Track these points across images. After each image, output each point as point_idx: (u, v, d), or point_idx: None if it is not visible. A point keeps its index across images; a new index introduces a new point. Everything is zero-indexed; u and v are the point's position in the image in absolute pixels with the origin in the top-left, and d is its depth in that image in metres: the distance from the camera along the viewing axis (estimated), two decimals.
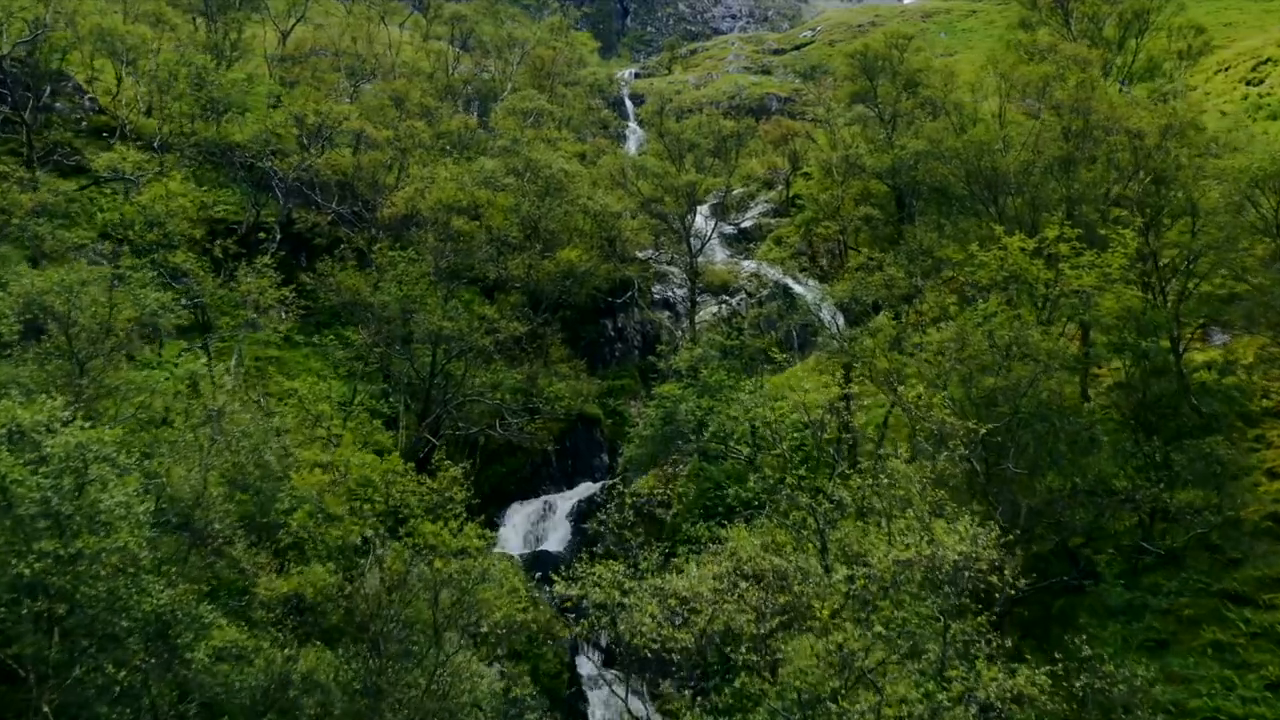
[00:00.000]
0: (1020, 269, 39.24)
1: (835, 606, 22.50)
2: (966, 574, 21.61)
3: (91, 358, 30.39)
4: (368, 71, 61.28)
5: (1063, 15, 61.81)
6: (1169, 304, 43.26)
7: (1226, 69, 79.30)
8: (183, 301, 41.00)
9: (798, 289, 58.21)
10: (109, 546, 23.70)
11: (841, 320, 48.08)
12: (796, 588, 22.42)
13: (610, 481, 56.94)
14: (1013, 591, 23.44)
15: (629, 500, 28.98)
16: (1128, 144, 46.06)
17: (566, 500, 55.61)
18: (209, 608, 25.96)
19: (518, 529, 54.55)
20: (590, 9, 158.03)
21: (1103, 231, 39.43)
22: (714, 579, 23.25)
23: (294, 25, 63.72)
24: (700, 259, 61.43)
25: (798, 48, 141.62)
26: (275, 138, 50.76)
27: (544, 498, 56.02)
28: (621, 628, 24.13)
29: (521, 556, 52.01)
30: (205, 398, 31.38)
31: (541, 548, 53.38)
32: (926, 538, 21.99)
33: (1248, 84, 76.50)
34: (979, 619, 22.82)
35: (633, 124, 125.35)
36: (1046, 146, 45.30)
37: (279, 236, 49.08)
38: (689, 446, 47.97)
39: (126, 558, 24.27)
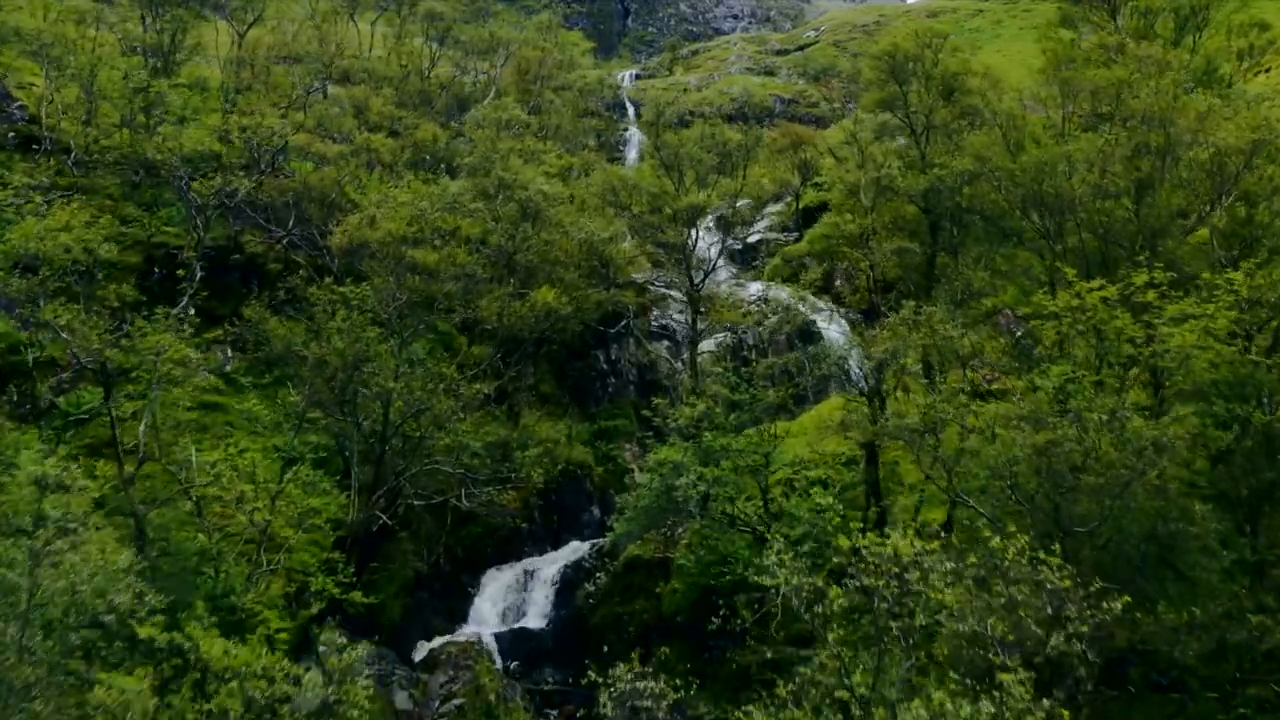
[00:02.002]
0: (1101, 322, 30.04)
1: None
2: None
3: None
4: (326, 75, 51.79)
5: (1109, 10, 52.40)
6: (1253, 352, 34.10)
7: (1266, 70, 70.65)
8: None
9: (821, 323, 48.84)
10: None
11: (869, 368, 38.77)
12: None
13: (600, 543, 47.86)
14: None
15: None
16: (1208, 162, 36.86)
17: (551, 565, 46.37)
18: None
19: (494, 600, 45.30)
20: (590, 8, 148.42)
21: (1206, 276, 30.22)
22: None
23: (251, 25, 54.41)
24: (700, 273, 52.04)
25: (801, 48, 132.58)
26: (200, 154, 41.35)
27: (525, 562, 46.77)
28: None
29: (497, 636, 42.97)
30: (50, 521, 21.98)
31: (521, 624, 44.26)
32: None
33: None
34: None
35: (633, 128, 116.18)
36: (1116, 166, 36.01)
37: (199, 275, 39.73)
38: (691, 522, 39.01)
39: None
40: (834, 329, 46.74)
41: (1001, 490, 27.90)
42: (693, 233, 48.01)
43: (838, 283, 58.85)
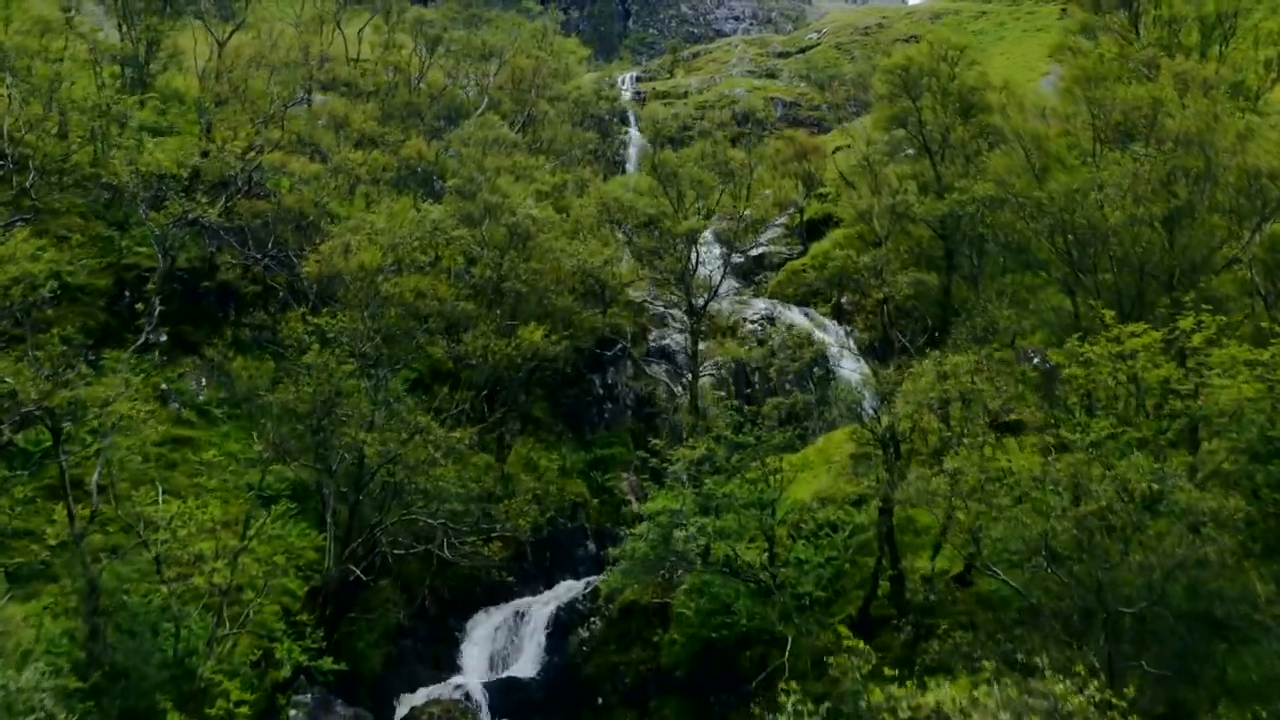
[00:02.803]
0: (1143, 369, 26.65)
1: None
2: None
3: None
4: (308, 87, 48.10)
5: (1130, 18, 48.88)
6: None
7: None
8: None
9: (831, 351, 45.33)
10: None
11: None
12: None
13: (595, 581, 44.48)
14: None
15: None
16: (1245, 185, 33.41)
17: (543, 607, 42.88)
18: None
19: (482, 646, 41.85)
20: (591, 9, 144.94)
21: (1265, 324, 26.80)
22: None
23: (232, 33, 50.92)
24: (701, 299, 48.59)
25: (803, 50, 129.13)
26: (167, 175, 37.83)
27: (516, 603, 43.27)
28: None
29: (485, 686, 39.59)
30: None
31: (509, 672, 40.86)
32: None
33: None
34: None
35: (634, 131, 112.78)
36: (1144, 188, 32.48)
37: (158, 309, 36.38)
38: (691, 570, 35.64)
39: None
40: (846, 364, 43.22)
41: (1036, 563, 24.58)
42: (693, 256, 44.54)
43: (844, 300, 55.35)
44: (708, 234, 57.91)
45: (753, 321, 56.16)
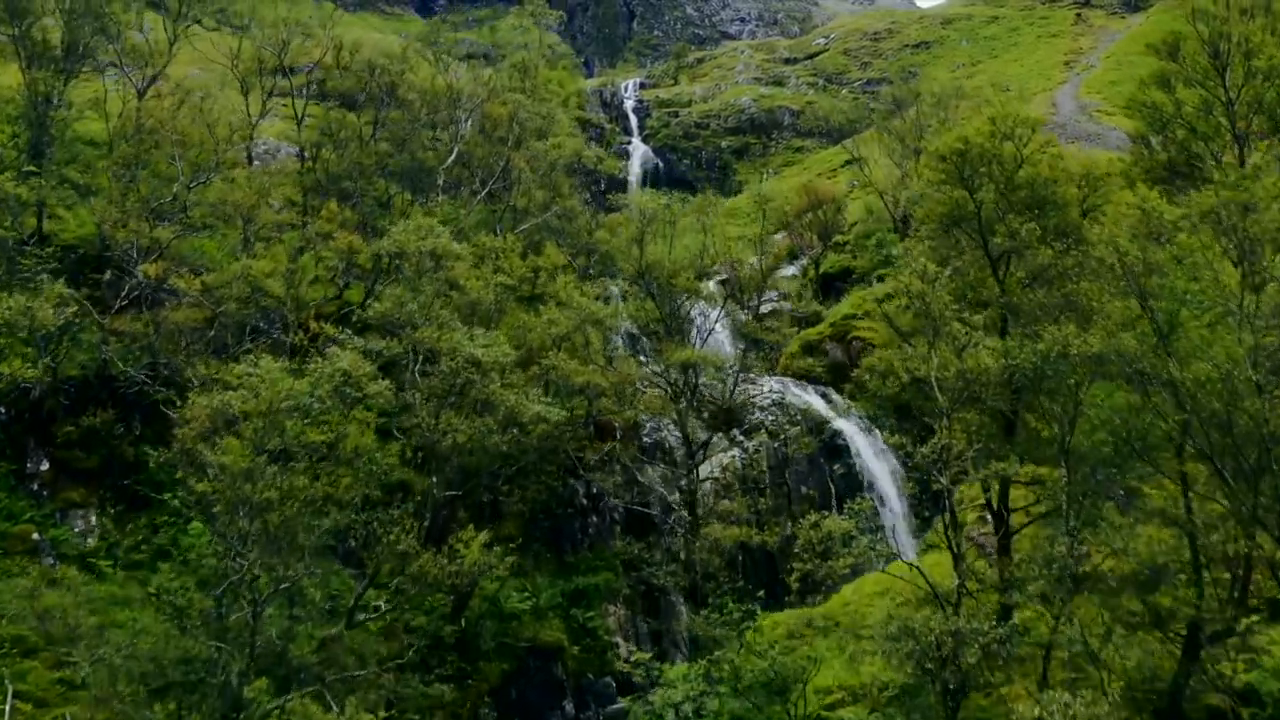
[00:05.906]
0: None
1: None
2: None
3: None
4: (216, 157, 37.06)
5: (1216, 68, 37.98)
6: None
7: None
8: None
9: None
10: None
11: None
12: None
13: None
14: None
15: None
16: None
17: None
18: None
19: None
20: (596, 11, 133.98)
21: None
22: None
23: (153, 79, 40.20)
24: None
25: (810, 56, 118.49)
26: None
27: None
28: None
29: None
30: None
31: None
32: None
33: None
34: None
35: (636, 139, 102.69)
36: None
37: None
38: None
39: None
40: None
41: None
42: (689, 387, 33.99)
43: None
44: (711, 286, 47.78)
45: (762, 408, 45.54)
